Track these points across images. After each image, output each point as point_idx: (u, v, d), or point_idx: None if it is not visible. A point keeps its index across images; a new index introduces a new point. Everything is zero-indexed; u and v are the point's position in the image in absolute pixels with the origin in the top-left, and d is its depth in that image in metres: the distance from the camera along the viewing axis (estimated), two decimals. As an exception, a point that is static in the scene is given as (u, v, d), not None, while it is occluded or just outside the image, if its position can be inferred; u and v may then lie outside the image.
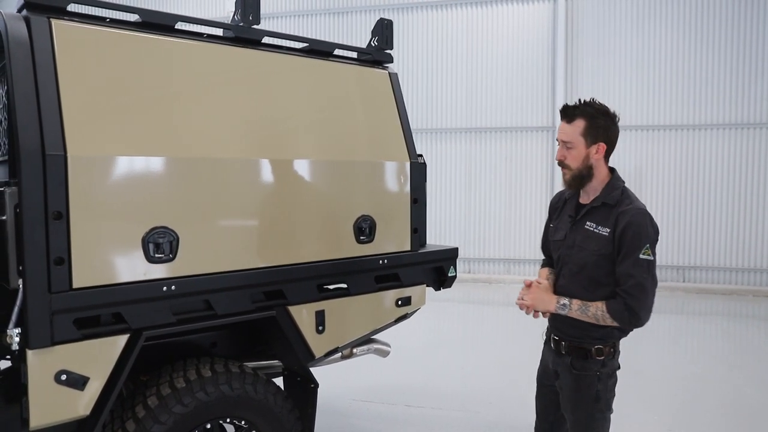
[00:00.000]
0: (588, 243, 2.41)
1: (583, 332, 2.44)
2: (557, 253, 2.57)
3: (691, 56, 10.05)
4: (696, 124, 10.08)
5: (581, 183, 2.44)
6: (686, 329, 7.88)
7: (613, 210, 2.38)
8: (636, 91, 10.31)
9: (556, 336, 2.55)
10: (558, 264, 2.57)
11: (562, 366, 2.51)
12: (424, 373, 5.53)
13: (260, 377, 2.61)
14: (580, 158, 2.39)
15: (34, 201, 1.99)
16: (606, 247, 2.36)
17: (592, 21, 10.47)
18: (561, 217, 2.61)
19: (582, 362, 2.44)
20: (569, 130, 2.38)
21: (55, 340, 2.04)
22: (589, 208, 2.46)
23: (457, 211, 11.19)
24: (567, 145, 2.39)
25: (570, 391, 2.48)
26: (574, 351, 2.45)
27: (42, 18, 2.12)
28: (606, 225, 2.38)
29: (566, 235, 2.53)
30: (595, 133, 2.37)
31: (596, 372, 2.42)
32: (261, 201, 2.59)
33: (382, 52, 3.23)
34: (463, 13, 11.08)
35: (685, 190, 10.21)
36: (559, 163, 2.44)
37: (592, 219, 2.43)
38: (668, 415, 4.56)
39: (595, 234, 2.39)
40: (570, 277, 2.47)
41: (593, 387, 2.42)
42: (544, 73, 10.71)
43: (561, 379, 2.52)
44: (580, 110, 2.37)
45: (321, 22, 11.83)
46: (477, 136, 11.09)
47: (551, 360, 2.58)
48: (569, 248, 2.49)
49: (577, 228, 2.48)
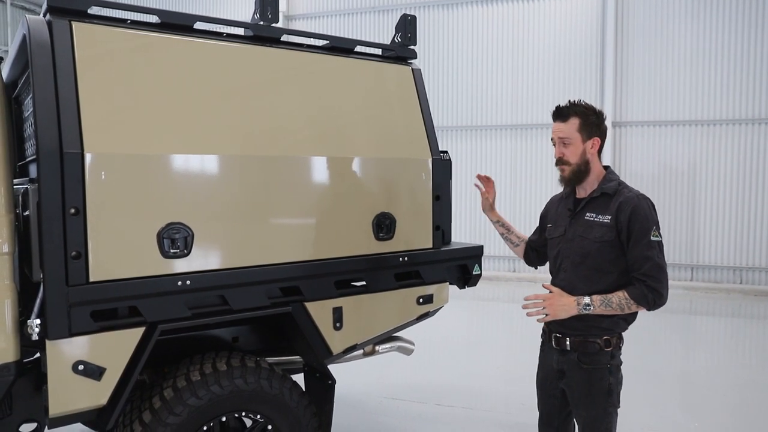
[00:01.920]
0: (589, 232, 2.45)
1: (588, 324, 2.42)
2: (556, 248, 2.59)
3: (750, 48, 9.54)
4: (757, 118, 9.57)
5: (579, 178, 2.49)
6: (743, 332, 7.51)
7: (612, 199, 2.44)
8: (690, 84, 9.88)
9: (558, 333, 2.51)
10: (557, 260, 2.57)
11: (568, 363, 2.47)
12: (458, 372, 5.48)
13: (276, 372, 2.64)
14: (578, 153, 2.46)
15: (52, 197, 2.07)
16: (608, 234, 2.39)
17: (642, 14, 10.09)
18: (557, 214, 2.66)
19: (590, 356, 2.42)
20: (565, 128, 2.46)
21: (73, 332, 2.13)
22: (588, 200, 2.50)
23: (502, 210, 11.00)
24: (564, 141, 2.46)
25: (581, 387, 2.44)
26: (580, 345, 2.43)
27: (63, 21, 2.20)
28: (606, 213, 2.42)
29: (566, 230, 2.55)
30: (589, 129, 2.46)
31: (606, 365, 2.42)
32: (277, 198, 2.61)
33: (405, 48, 3.20)
34: (508, 8, 10.89)
35: (744, 187, 9.70)
36: (558, 161, 2.49)
37: (592, 209, 2.48)
38: (712, 421, 4.36)
39: (597, 222, 2.44)
40: (572, 269, 2.47)
41: (605, 380, 2.41)
42: (593, 68, 10.40)
43: (569, 378, 2.48)
44: (573, 109, 2.46)
45: (360, 21, 11.83)
46: (522, 133, 10.89)
47: (555, 360, 2.54)
48: (569, 241, 2.52)
49: (577, 220, 2.52)
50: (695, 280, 9.92)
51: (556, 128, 2.49)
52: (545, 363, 2.63)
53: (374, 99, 3.03)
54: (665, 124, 10.03)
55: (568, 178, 2.50)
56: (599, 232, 2.41)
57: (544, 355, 2.66)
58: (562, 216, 2.61)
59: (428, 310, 3.18)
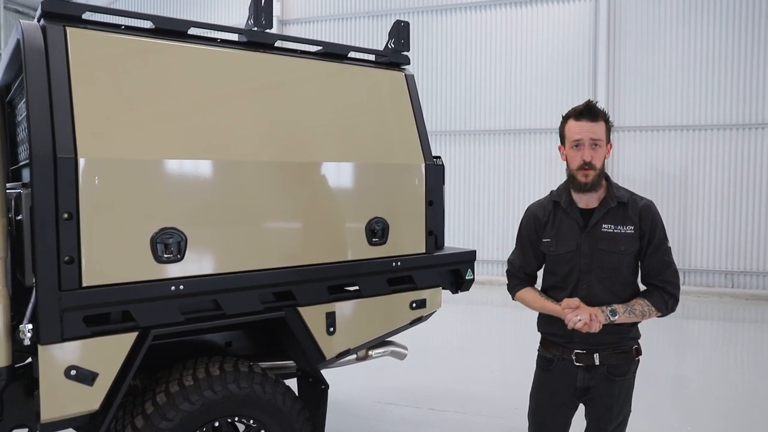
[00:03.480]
0: (615, 245, 2.34)
1: (619, 336, 2.39)
2: (567, 265, 2.42)
3: (743, 51, 9.63)
4: (748, 123, 9.65)
5: (598, 185, 2.36)
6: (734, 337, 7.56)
7: (627, 207, 2.37)
8: (682, 89, 9.95)
9: (581, 350, 2.39)
10: (571, 277, 2.41)
11: (597, 378, 2.40)
12: (451, 376, 5.49)
13: (269, 377, 2.64)
14: (603, 158, 2.35)
15: (45, 202, 2.07)
16: (634, 245, 2.36)
17: (635, 19, 10.17)
18: (559, 228, 2.46)
19: (622, 367, 2.40)
20: (597, 128, 2.32)
21: (65, 337, 2.12)
22: (605, 211, 2.38)
23: (495, 215, 11.05)
24: (596, 143, 2.31)
25: (611, 400, 2.41)
26: (611, 358, 2.38)
27: (58, 26, 2.21)
28: (627, 223, 2.36)
29: (578, 244, 2.40)
30: (609, 134, 2.40)
31: (633, 372, 2.44)
32: (270, 203, 2.62)
33: (399, 54, 3.22)
34: (502, 13, 10.96)
35: (734, 191, 9.78)
36: (584, 165, 2.31)
37: (609, 221, 2.37)
38: (706, 427, 4.38)
39: (620, 234, 2.35)
40: (598, 284, 2.35)
41: (631, 388, 2.45)
42: (585, 73, 10.48)
43: (595, 393, 2.42)
44: (601, 111, 2.35)
45: (355, 26, 11.88)
46: (516, 137, 10.94)
47: (579, 377, 2.42)
48: (588, 256, 2.38)
49: (593, 233, 2.38)
50: (687, 284, 9.98)
51: (587, 128, 2.30)
52: (555, 382, 2.49)
53: (368, 105, 3.04)
54: (657, 129, 10.10)
55: (591, 184, 2.33)
56: (625, 245, 2.33)
57: (551, 375, 2.50)
58: (569, 229, 2.43)
59: (421, 314, 3.19)
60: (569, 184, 2.43)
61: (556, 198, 2.50)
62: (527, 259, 2.59)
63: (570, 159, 2.38)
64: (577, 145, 2.34)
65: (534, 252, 2.56)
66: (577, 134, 2.33)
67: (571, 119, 2.36)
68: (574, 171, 2.35)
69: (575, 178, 2.36)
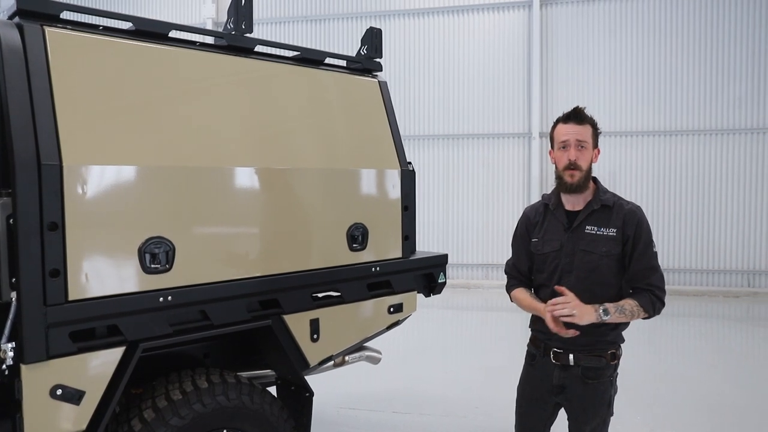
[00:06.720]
0: (596, 246, 2.43)
1: (595, 339, 2.43)
2: (552, 264, 2.52)
3: (664, 63, 10.30)
4: (668, 130, 10.33)
5: (584, 187, 2.46)
6: (662, 330, 8.04)
7: (612, 211, 2.44)
8: (609, 97, 10.53)
9: (558, 349, 2.49)
10: (555, 275, 2.51)
11: (570, 378, 2.48)
12: (409, 379, 5.54)
13: (256, 387, 2.59)
14: (589, 160, 2.44)
15: (29, 212, 1.95)
16: (615, 248, 2.41)
17: (565, 29, 10.68)
18: (546, 229, 2.57)
19: (596, 371, 2.44)
20: (583, 131, 2.42)
21: (51, 354, 2.00)
22: (588, 212, 2.48)
23: (435, 217, 11.24)
24: (581, 145, 2.41)
25: (585, 402, 2.46)
26: (584, 360, 2.44)
27: (35, 26, 2.09)
28: (610, 226, 2.43)
29: (562, 244, 2.50)
30: (596, 139, 2.50)
31: (609, 378, 2.46)
32: (255, 210, 2.58)
33: (372, 60, 3.25)
34: (439, 21, 11.20)
35: (658, 194, 10.44)
36: (570, 165, 2.41)
37: (593, 222, 2.46)
38: (651, 415, 4.65)
39: (602, 236, 2.43)
40: (576, 283, 2.42)
41: (607, 393, 2.45)
42: (520, 80, 10.88)
43: (570, 393, 2.49)
44: (587, 116, 2.45)
45: (298, 30, 11.82)
46: (454, 142, 11.20)
47: (555, 375, 2.51)
48: (569, 256, 2.47)
49: (577, 234, 2.48)
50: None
51: (573, 130, 2.40)
52: (536, 377, 2.60)
53: (344, 111, 3.05)
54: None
55: (577, 185, 2.41)
56: (606, 246, 2.40)
57: (534, 369, 2.61)
58: (554, 229, 2.54)
59: (398, 318, 3.23)
60: (557, 185, 2.53)
61: (546, 200, 2.62)
62: (520, 259, 2.70)
63: (557, 160, 2.49)
64: (564, 146, 2.44)
65: (525, 252, 2.66)
66: (564, 136, 2.44)
67: (559, 123, 2.48)
68: (561, 171, 2.46)
69: (562, 178, 2.46)
